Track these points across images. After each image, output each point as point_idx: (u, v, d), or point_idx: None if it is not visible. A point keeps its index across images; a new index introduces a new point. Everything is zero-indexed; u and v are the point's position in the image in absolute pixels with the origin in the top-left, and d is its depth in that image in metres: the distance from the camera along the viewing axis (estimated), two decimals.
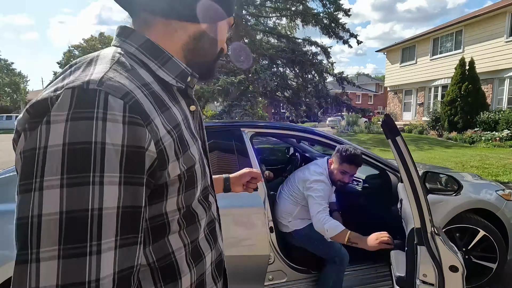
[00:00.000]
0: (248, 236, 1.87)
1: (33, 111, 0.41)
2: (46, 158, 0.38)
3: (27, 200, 0.38)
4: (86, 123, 0.39)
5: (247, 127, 2.10)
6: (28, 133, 0.40)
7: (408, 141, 12.24)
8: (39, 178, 0.38)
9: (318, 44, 8.20)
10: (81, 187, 0.38)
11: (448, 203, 2.24)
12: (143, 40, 0.52)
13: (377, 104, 32.23)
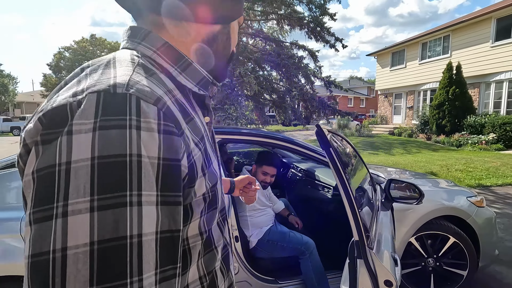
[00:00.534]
0: None
1: (48, 120, 0.34)
2: (70, 176, 0.31)
3: (45, 231, 0.30)
4: (119, 132, 0.33)
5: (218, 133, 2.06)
6: (42, 147, 0.33)
7: (397, 144, 12.34)
8: (62, 201, 0.31)
9: (306, 47, 8.22)
10: (116, 209, 0.31)
11: (418, 210, 2.22)
12: (161, 43, 0.46)
13: (369, 107, 32.49)
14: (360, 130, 16.22)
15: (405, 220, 2.19)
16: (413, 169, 7.34)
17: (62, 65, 29.92)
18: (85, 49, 30.00)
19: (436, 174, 6.73)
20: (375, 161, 8.39)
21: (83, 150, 0.32)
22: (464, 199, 2.42)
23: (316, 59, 8.30)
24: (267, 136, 2.16)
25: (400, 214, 2.17)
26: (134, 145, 0.33)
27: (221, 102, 5.87)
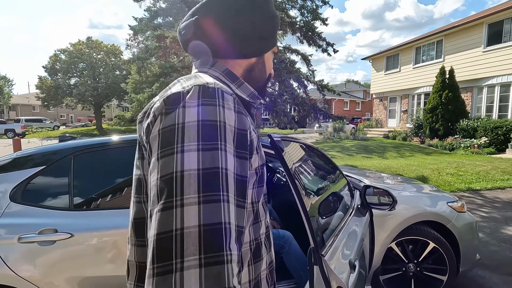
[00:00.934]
0: None
1: (169, 100, 0.53)
2: (184, 130, 0.49)
3: (169, 161, 0.48)
4: (212, 108, 0.52)
5: None
6: (165, 116, 0.52)
7: (391, 148, 12.41)
8: (180, 144, 0.48)
9: (298, 52, 8.27)
10: (211, 151, 0.49)
11: (398, 216, 2.24)
12: (224, 68, 0.67)
13: (364, 111, 32.65)
14: (355, 134, 16.30)
15: (384, 226, 2.21)
16: (404, 173, 7.38)
17: (57, 68, 29.76)
18: (81, 52, 29.87)
19: (427, 178, 6.77)
20: (368, 165, 8.43)
21: (192, 115, 0.50)
22: (444, 205, 2.44)
23: (309, 63, 8.34)
24: None
25: (380, 219, 2.19)
26: (222, 116, 0.52)
27: None
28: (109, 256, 1.71)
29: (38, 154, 1.85)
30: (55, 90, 29.31)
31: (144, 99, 6.42)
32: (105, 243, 1.70)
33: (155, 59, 7.73)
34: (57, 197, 1.75)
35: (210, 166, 0.47)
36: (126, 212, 1.81)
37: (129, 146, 2.00)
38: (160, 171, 0.48)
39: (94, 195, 1.83)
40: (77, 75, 30.48)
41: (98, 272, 1.68)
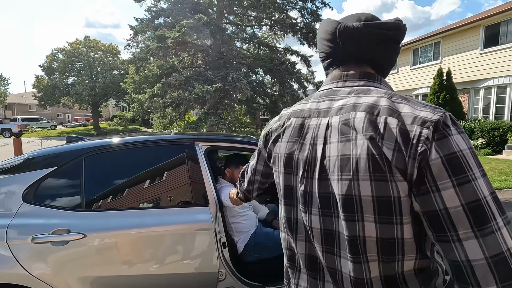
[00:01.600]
0: (195, 253, 1.84)
1: (435, 126, 0.57)
2: (467, 157, 0.55)
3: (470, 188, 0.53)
4: (464, 135, 0.58)
5: (202, 141, 2.09)
6: (438, 142, 0.56)
7: None
8: (472, 170, 0.55)
9: (299, 53, 8.31)
10: (486, 176, 0.56)
11: None
12: (388, 85, 0.74)
13: None
14: None
15: None
16: None
17: (55, 67, 29.59)
18: (79, 51, 29.73)
19: None
20: None
21: (463, 143, 0.57)
22: None
23: (308, 65, 8.39)
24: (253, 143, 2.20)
25: None
26: (469, 141, 0.58)
27: (214, 107, 5.89)
28: (121, 256, 1.73)
29: (49, 155, 1.87)
30: (52, 89, 29.14)
31: (145, 99, 6.43)
32: (117, 243, 1.73)
33: (155, 59, 7.73)
34: (69, 197, 1.77)
35: (492, 190, 0.55)
36: (137, 212, 1.83)
37: (139, 148, 2.02)
38: (462, 197, 0.53)
39: (105, 195, 1.85)
40: (75, 74, 30.32)
41: (110, 272, 1.71)
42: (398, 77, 17.29)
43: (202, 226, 1.84)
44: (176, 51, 7.62)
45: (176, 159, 2.00)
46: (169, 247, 1.81)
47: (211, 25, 5.65)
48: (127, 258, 1.74)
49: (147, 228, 1.78)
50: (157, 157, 2.03)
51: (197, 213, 1.87)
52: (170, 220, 1.82)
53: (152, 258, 1.78)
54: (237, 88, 5.63)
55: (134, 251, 1.75)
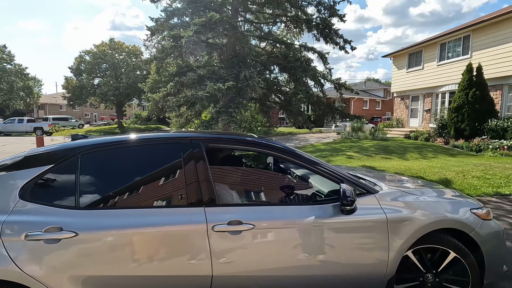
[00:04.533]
0: (187, 255, 1.78)
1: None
2: None
3: None
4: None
5: (202, 140, 2.02)
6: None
7: (412, 148, 11.92)
8: None
9: (315, 50, 8.09)
10: None
11: (414, 221, 2.10)
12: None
13: (385, 110, 31.66)
14: (374, 133, 15.79)
15: (400, 231, 2.07)
16: (426, 175, 7.04)
17: (82, 68, 31.01)
18: (104, 53, 30.95)
19: (450, 181, 6.42)
20: (387, 166, 8.12)
21: None
22: (467, 211, 2.27)
23: (325, 61, 8.15)
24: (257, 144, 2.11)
25: (394, 225, 2.06)
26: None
27: (226, 106, 5.85)
28: (113, 256, 1.71)
29: (47, 152, 1.88)
30: (80, 89, 30.56)
31: (159, 98, 6.53)
32: (109, 242, 1.70)
33: (171, 58, 7.83)
34: (64, 195, 1.77)
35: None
36: (131, 212, 1.80)
37: (136, 146, 1.99)
38: None
39: (100, 194, 1.83)
40: (100, 75, 31.61)
41: (101, 272, 1.68)
42: (424, 73, 16.47)
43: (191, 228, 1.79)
44: (191, 50, 7.66)
45: (174, 157, 1.95)
46: (164, 248, 1.76)
47: (223, 23, 5.61)
48: (120, 258, 1.71)
49: (141, 228, 1.74)
50: (154, 155, 1.99)
51: (193, 213, 1.82)
52: (166, 220, 1.77)
53: (147, 258, 1.74)
54: (249, 86, 5.56)
55: (128, 251, 1.72)
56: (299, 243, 1.94)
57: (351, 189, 1.89)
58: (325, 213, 1.98)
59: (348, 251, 2.01)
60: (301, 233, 1.95)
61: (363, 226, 2.03)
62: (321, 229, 1.97)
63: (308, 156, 2.15)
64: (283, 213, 1.95)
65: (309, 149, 13.07)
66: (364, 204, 2.08)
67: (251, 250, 1.86)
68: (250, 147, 2.14)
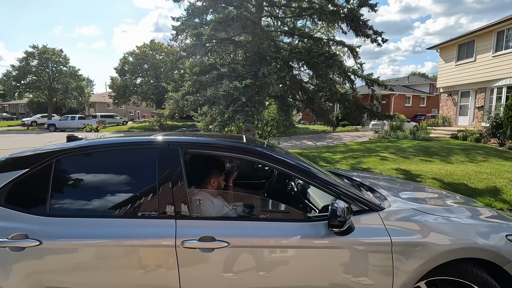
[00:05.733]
0: (155, 272, 1.62)
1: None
2: None
3: None
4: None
5: (181, 144, 1.86)
6: None
7: (458, 150, 10.70)
8: None
9: (345, 43, 7.54)
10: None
11: (429, 247, 1.73)
12: None
13: (430, 107, 29.04)
14: (415, 133, 14.52)
15: (409, 259, 1.72)
16: (470, 182, 6.20)
17: (126, 69, 33.11)
18: (145, 53, 32.69)
19: (500, 190, 5.56)
20: (424, 170, 7.33)
21: None
22: (503, 238, 1.82)
23: (356, 56, 7.57)
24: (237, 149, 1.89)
25: (403, 248, 1.71)
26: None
27: (243, 105, 5.67)
28: (75, 268, 1.62)
29: (25, 156, 1.86)
30: (123, 89, 32.67)
31: (179, 98, 6.57)
32: (72, 253, 1.62)
33: (199, 57, 7.86)
34: (35, 201, 1.73)
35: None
36: (98, 222, 1.70)
37: (112, 151, 1.89)
38: None
39: (69, 201, 1.76)
40: (142, 75, 33.47)
41: (63, 284, 1.61)
42: (476, 66, 14.71)
43: (162, 242, 1.63)
44: (215, 49, 7.61)
45: (149, 163, 1.81)
46: (131, 263, 1.64)
47: (242, 19, 5.42)
48: (82, 270, 1.62)
49: (106, 239, 1.63)
50: (129, 161, 1.87)
51: (163, 226, 1.67)
52: (136, 233, 1.64)
53: (111, 273, 1.63)
54: (266, 83, 5.31)
55: (91, 264, 1.63)
56: (282, 266, 1.69)
57: (344, 207, 1.59)
58: (316, 232, 1.71)
59: (341, 279, 1.72)
60: (284, 254, 1.70)
61: (362, 250, 1.72)
62: (309, 251, 1.70)
63: (299, 164, 1.88)
64: (265, 230, 1.71)
65: (341, 149, 12.41)
66: (365, 224, 1.76)
67: (223, 271, 1.66)
68: (236, 153, 1.93)
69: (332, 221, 1.56)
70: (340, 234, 1.65)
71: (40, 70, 33.66)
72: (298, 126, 26.61)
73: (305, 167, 1.88)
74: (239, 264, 1.66)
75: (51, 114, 34.60)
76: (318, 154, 10.92)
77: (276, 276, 1.68)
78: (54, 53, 34.32)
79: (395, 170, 7.42)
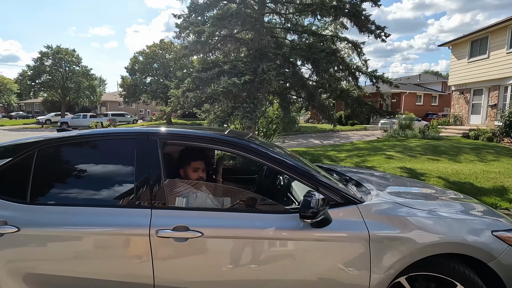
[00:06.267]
0: (129, 260, 1.64)
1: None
2: None
3: None
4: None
5: (160, 136, 1.88)
6: None
7: (468, 149, 10.41)
8: None
9: (348, 40, 7.43)
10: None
11: (409, 241, 1.69)
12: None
13: (443, 106, 28.32)
14: (424, 132, 14.20)
15: (387, 253, 1.68)
16: (477, 181, 6.02)
17: (136, 68, 33.60)
18: (155, 53, 33.09)
19: (507, 189, 5.38)
20: (430, 169, 7.16)
21: None
22: (486, 233, 1.76)
23: (360, 52, 7.46)
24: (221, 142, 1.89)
25: (380, 244, 1.68)
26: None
27: (242, 101, 5.66)
28: (52, 255, 1.66)
29: (9, 146, 1.91)
30: (133, 88, 33.18)
31: (179, 94, 6.62)
32: (49, 240, 1.65)
33: (202, 55, 7.89)
34: (17, 189, 1.77)
35: None
36: (76, 210, 1.73)
37: (93, 141, 1.92)
38: None
39: (49, 190, 1.80)
40: (152, 74, 33.90)
41: (40, 270, 1.64)
42: (489, 63, 14.26)
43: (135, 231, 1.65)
44: (219, 46, 7.62)
45: (128, 154, 1.83)
46: (106, 251, 1.66)
47: (241, 15, 5.41)
48: (59, 257, 1.66)
49: (83, 227, 1.66)
50: (109, 151, 1.90)
51: (139, 215, 1.68)
52: (112, 221, 1.67)
53: (87, 261, 1.66)
54: (265, 80, 5.28)
55: (68, 251, 1.66)
56: (256, 257, 1.68)
57: (318, 198, 1.56)
58: (295, 224, 1.69)
59: (316, 272, 1.69)
60: (259, 246, 1.69)
61: (338, 243, 1.69)
62: (283, 243, 1.69)
63: (277, 155, 1.86)
64: (240, 221, 1.71)
65: (347, 147, 12.25)
66: (344, 217, 1.73)
67: (197, 261, 1.66)
68: (215, 145, 1.92)
69: (303, 211, 1.54)
70: (315, 226, 1.63)
71: (54, 70, 34.58)
72: (306, 125, 26.41)
73: (284, 158, 1.86)
74: (212, 254, 1.66)
75: (64, 113, 35.52)
76: (323, 152, 10.81)
77: (250, 267, 1.67)
78: (67, 53, 35.19)
79: (399, 169, 7.27)
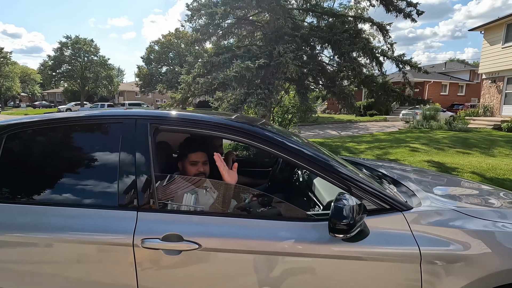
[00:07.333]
0: (109, 274, 1.30)
1: None
2: None
3: None
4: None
5: (151, 119, 1.51)
6: None
7: (502, 142, 9.56)
8: None
9: (373, 21, 6.77)
10: None
11: (476, 264, 1.25)
12: None
13: (470, 96, 26.61)
14: (451, 123, 13.27)
15: (446, 277, 1.25)
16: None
17: (152, 58, 33.62)
18: (170, 42, 32.91)
19: None
20: (461, 163, 6.52)
21: None
22: None
23: (386, 35, 6.80)
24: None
25: (436, 266, 1.25)
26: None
27: (256, 87, 5.23)
28: (13, 264, 1.35)
29: None
30: (149, 77, 33.30)
31: (190, 80, 6.27)
32: (15, 246, 1.34)
33: (216, 38, 7.48)
34: None
35: None
36: (47, 210, 1.40)
37: (72, 126, 1.58)
38: None
39: (17, 185, 1.49)
40: (167, 63, 33.85)
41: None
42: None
43: (118, 241, 1.30)
44: (230, 30, 7.17)
45: (112, 142, 1.48)
46: (80, 262, 1.34)
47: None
48: (21, 267, 1.35)
49: (53, 232, 1.33)
50: (90, 138, 1.55)
51: (121, 219, 1.34)
52: (86, 225, 1.33)
53: (54, 273, 1.34)
54: (282, 63, 4.81)
55: (33, 260, 1.34)
56: (269, 277, 1.30)
57: (353, 205, 1.15)
58: (319, 235, 1.29)
59: None
60: (273, 262, 1.30)
61: (376, 263, 1.28)
62: (307, 261, 1.30)
63: (297, 145, 1.45)
64: (249, 230, 1.32)
65: (367, 139, 11.62)
66: (384, 228, 1.31)
67: (191, 280, 1.30)
68: (219, 132, 1.53)
69: (334, 223, 1.13)
70: (347, 241, 1.23)
71: (73, 60, 35.15)
72: (322, 115, 25.62)
73: (304, 149, 1.44)
74: (212, 272, 1.30)
75: (83, 102, 36.26)
76: (342, 144, 10.25)
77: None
78: (85, 43, 35.62)
79: (426, 163, 6.67)
